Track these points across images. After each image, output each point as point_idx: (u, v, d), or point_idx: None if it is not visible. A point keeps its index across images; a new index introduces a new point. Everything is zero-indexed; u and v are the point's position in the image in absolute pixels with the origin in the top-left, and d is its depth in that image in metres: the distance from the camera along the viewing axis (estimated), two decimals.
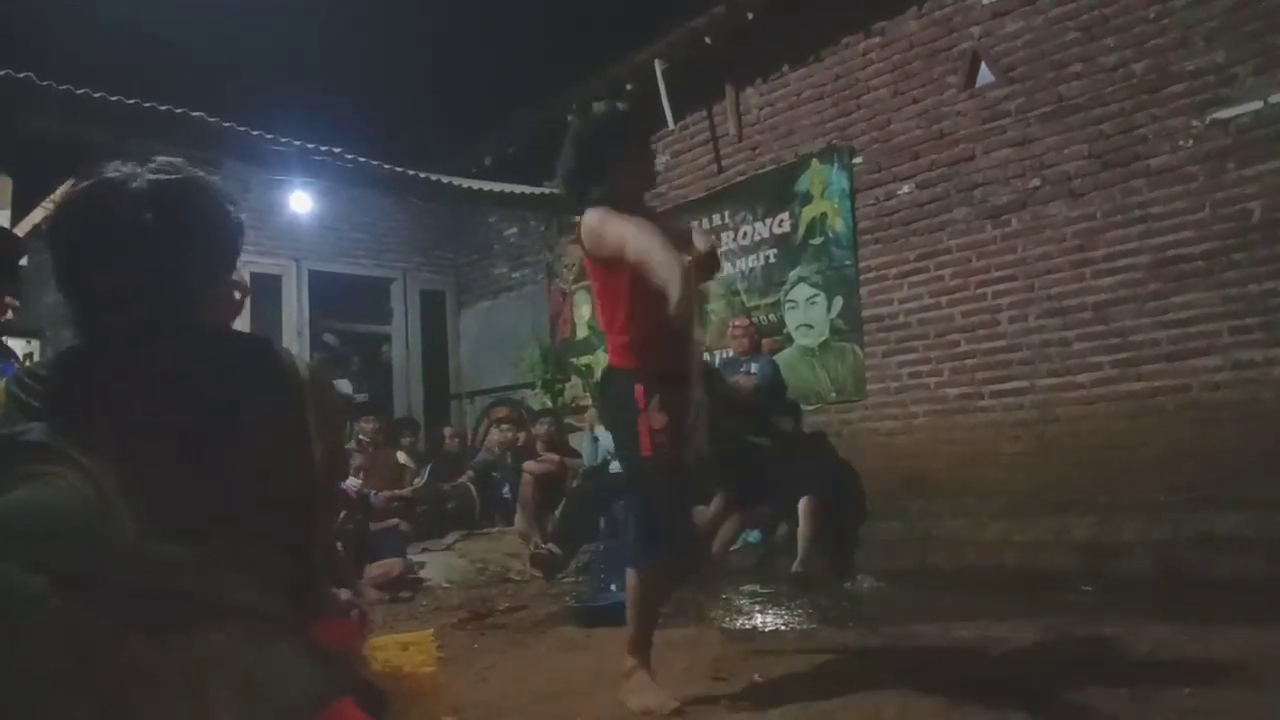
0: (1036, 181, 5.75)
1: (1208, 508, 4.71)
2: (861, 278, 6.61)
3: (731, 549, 6.04)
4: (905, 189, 6.45)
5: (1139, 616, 3.45)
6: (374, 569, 5.79)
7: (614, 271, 2.77)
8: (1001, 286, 5.91)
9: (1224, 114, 5.02)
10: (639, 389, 2.73)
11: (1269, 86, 4.87)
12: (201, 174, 1.39)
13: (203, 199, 1.37)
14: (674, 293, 2.33)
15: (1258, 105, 4.91)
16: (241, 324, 8.49)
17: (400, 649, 1.63)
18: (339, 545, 5.50)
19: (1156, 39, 5.27)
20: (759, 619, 4.24)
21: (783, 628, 4.03)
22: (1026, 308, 5.79)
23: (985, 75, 6.06)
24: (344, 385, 9.47)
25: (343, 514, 5.79)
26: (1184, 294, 5.15)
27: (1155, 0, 5.27)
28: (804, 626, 4.02)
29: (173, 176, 1.34)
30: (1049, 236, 5.69)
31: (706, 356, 7.12)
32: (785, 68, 7.23)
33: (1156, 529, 4.79)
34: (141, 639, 1.07)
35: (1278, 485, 4.54)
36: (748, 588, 5.30)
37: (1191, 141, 5.14)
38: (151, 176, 1.32)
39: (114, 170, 1.32)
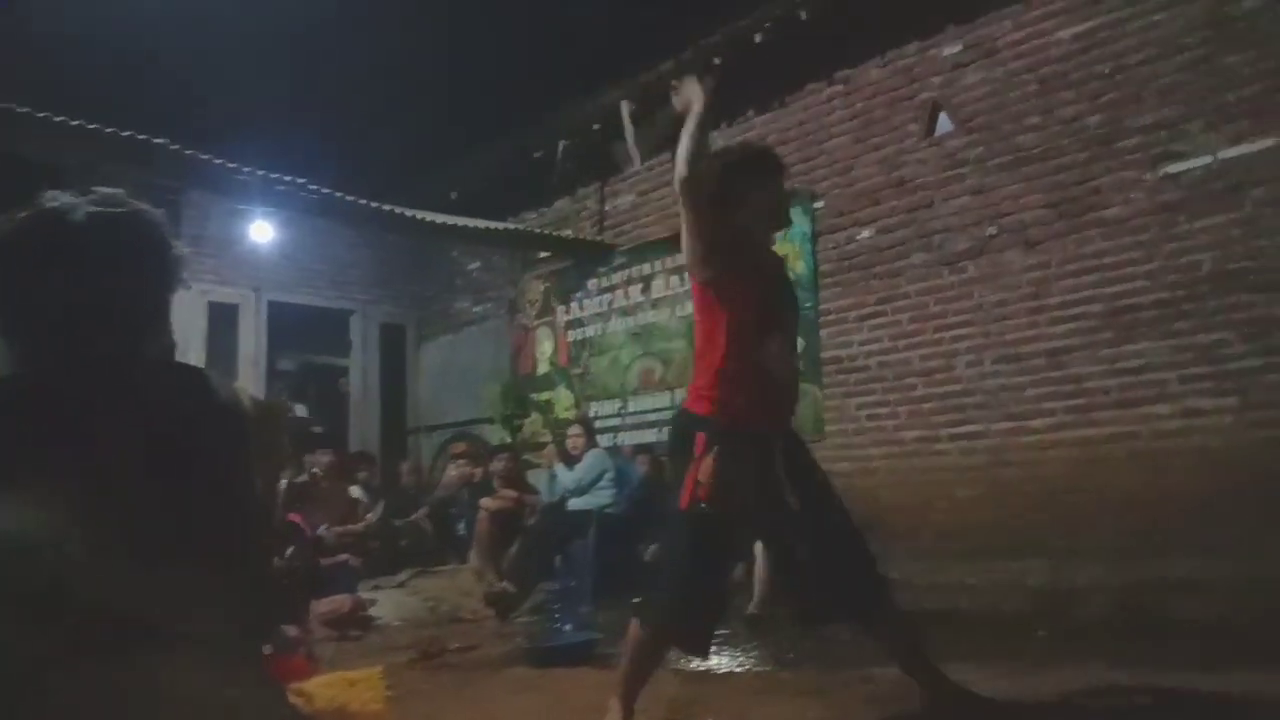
0: (993, 230, 5.86)
1: (1160, 553, 4.77)
2: (821, 320, 6.67)
3: None
4: (865, 234, 6.54)
5: (1094, 661, 3.46)
6: (323, 605, 5.66)
7: (716, 293, 2.72)
8: (958, 332, 5.99)
9: (1176, 168, 5.16)
10: (700, 437, 2.62)
11: (1218, 142, 5.02)
12: (143, 207, 1.37)
13: (144, 232, 1.35)
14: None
15: (1208, 160, 5.06)
16: (197, 353, 8.39)
17: (347, 686, 1.59)
18: (288, 580, 5.38)
19: (1111, 93, 5.42)
20: (714, 660, 4.20)
21: (738, 669, 3.99)
22: (982, 353, 5.87)
23: (945, 125, 6.20)
24: (300, 410, 9.35)
25: (291, 549, 5.67)
26: (1136, 342, 5.25)
27: (1110, 56, 5.43)
28: (759, 668, 3.99)
29: (113, 210, 1.32)
30: (1005, 284, 5.79)
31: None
32: (750, 112, 7.33)
33: (1110, 574, 4.83)
34: (93, 664, 1.04)
35: (1227, 531, 4.62)
36: None
37: (1144, 194, 5.27)
38: (91, 209, 1.30)
39: (52, 201, 1.30)
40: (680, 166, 2.67)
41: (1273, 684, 2.90)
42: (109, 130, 6.02)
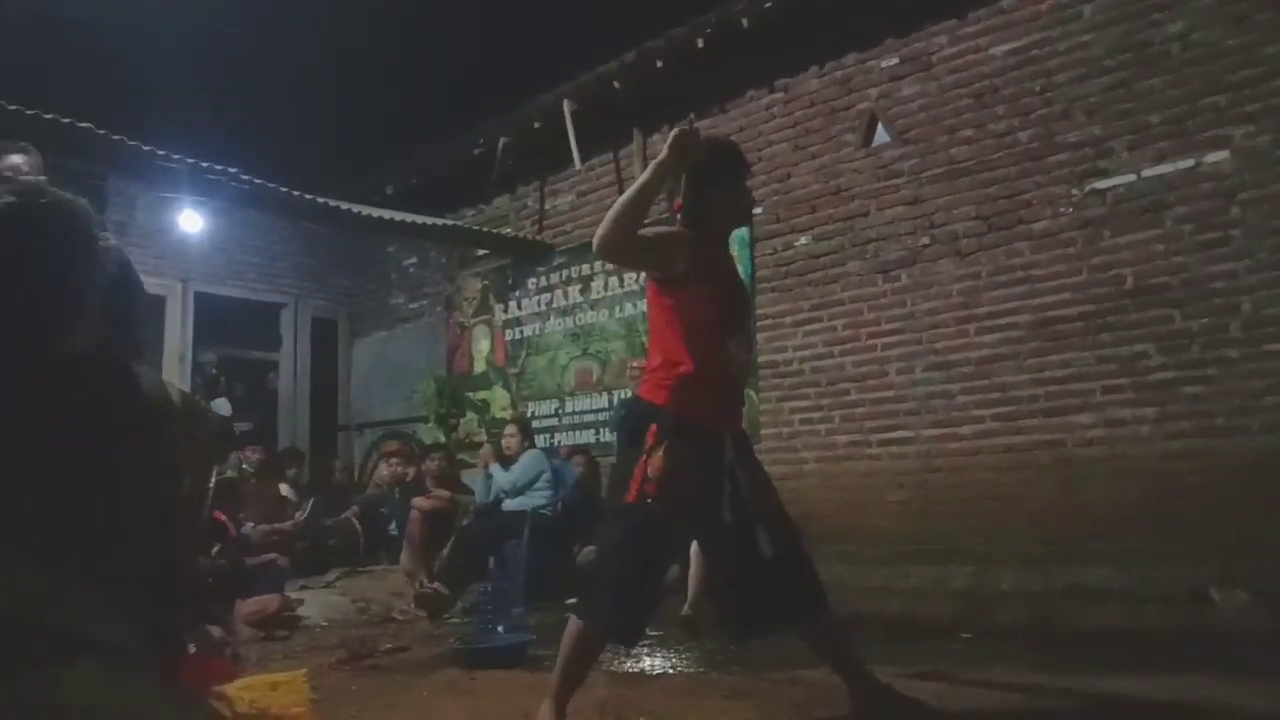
0: (926, 240, 5.97)
1: (1078, 560, 4.91)
2: (758, 324, 6.72)
3: None
4: (802, 240, 6.62)
5: (1013, 665, 3.55)
6: (248, 605, 5.54)
7: (675, 291, 2.68)
8: (891, 339, 6.09)
9: (1101, 184, 5.32)
10: (652, 428, 2.58)
11: (1142, 161, 5.19)
12: (67, 196, 1.32)
13: (68, 224, 1.30)
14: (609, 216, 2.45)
15: (1131, 178, 5.22)
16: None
17: (269, 689, 1.55)
18: (212, 580, 5.27)
19: (1041, 110, 5.56)
20: (646, 662, 4.21)
21: (670, 671, 4.01)
22: (913, 360, 5.98)
23: (881, 135, 6.30)
24: (222, 406, 9.13)
25: (217, 547, 5.54)
26: (1061, 353, 5.40)
27: (1041, 74, 5.58)
28: (691, 670, 4.01)
29: (35, 200, 1.27)
30: (936, 293, 5.91)
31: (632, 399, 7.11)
32: (691, 116, 7.34)
33: (1030, 580, 4.96)
34: None
35: (1141, 540, 4.78)
36: None
37: (1071, 209, 5.42)
38: (11, 198, 1.25)
39: None
40: (599, 230, 2.48)
41: (1172, 689, 3.01)
42: (31, 112, 5.82)
